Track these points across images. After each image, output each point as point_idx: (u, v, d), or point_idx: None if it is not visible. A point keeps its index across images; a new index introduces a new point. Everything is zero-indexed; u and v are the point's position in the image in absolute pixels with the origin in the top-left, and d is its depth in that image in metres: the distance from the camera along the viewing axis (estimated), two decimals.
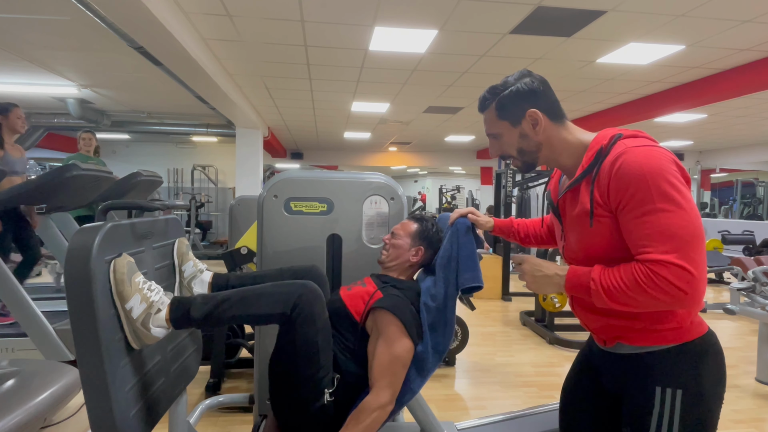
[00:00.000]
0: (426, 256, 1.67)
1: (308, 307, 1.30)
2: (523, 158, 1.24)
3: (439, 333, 1.50)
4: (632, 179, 1.01)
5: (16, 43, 4.54)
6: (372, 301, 1.49)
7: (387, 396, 1.38)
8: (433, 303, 1.52)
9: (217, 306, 1.28)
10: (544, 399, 3.10)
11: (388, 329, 1.44)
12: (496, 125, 1.23)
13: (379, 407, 1.36)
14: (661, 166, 1.00)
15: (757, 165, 12.84)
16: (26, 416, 1.59)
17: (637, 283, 0.98)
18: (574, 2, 3.41)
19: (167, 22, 3.30)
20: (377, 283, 1.58)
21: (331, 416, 1.40)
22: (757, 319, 3.33)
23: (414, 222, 1.69)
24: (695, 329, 1.10)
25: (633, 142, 1.08)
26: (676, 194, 0.98)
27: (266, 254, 1.90)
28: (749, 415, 2.92)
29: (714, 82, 5.15)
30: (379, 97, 6.58)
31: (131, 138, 10.39)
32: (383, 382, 1.39)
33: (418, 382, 1.49)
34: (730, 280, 7.63)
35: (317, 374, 1.36)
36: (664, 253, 0.96)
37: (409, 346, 1.44)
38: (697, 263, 0.96)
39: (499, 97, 1.21)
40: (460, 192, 14.78)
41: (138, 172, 3.43)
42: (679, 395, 1.06)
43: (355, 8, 3.58)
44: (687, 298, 0.96)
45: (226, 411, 2.75)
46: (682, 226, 0.97)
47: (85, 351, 1.12)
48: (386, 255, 1.67)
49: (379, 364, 1.41)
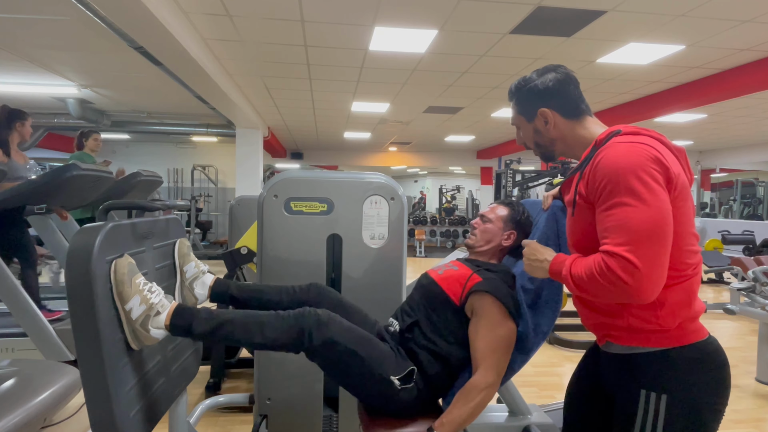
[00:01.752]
0: (517, 240, 1.66)
1: (315, 334, 1.30)
2: (540, 150, 1.32)
3: (540, 313, 1.51)
4: (606, 173, 1.04)
5: (16, 43, 4.53)
6: (470, 284, 1.48)
7: (493, 376, 1.39)
8: (531, 285, 1.53)
9: (219, 327, 1.29)
10: (544, 399, 3.10)
11: (491, 312, 1.44)
12: (516, 118, 1.32)
13: (487, 386, 1.37)
14: (635, 162, 1.02)
15: (757, 165, 12.84)
16: (26, 416, 1.59)
17: (592, 273, 1.02)
18: (574, 2, 3.41)
19: (167, 22, 3.30)
20: (471, 267, 1.57)
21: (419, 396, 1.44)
22: (757, 319, 3.33)
23: (504, 206, 1.69)
24: (687, 335, 1.08)
25: (623, 138, 1.09)
26: (643, 190, 0.99)
27: (266, 254, 1.90)
28: (749, 415, 2.93)
29: (714, 82, 5.15)
30: (379, 97, 6.58)
31: (131, 138, 10.39)
32: (489, 362, 1.40)
33: (519, 361, 1.51)
34: (730, 280, 7.63)
35: (371, 370, 1.37)
36: (617, 245, 0.99)
37: (512, 328, 1.45)
38: (647, 259, 0.97)
39: (519, 92, 1.28)
40: (460, 192, 14.78)
41: (138, 172, 3.43)
42: (664, 400, 1.06)
43: (355, 8, 3.58)
44: (631, 291, 0.97)
45: (226, 411, 2.75)
46: (640, 221, 0.98)
47: (85, 351, 1.12)
48: (475, 239, 1.66)
49: (484, 346, 1.42)
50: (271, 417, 1.95)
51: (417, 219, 12.56)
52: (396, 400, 1.41)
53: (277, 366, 1.95)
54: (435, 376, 1.46)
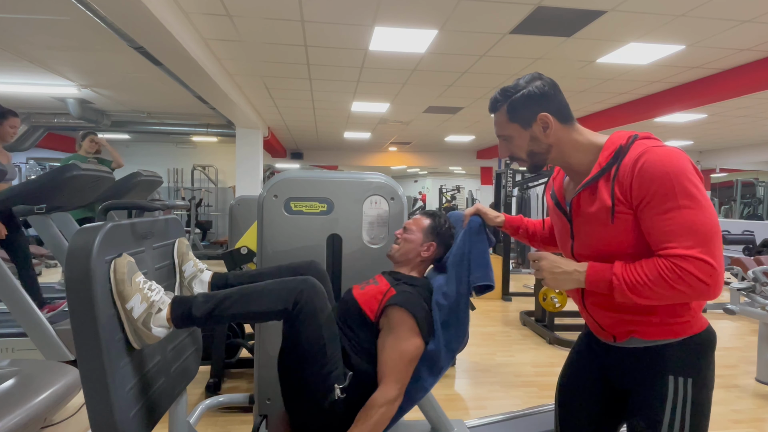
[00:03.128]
0: (437, 252, 1.67)
1: (309, 302, 1.30)
2: (532, 160, 1.26)
3: (452, 331, 1.50)
4: (655, 177, 1.05)
5: (16, 43, 4.53)
6: (385, 299, 1.48)
7: (394, 391, 1.38)
8: (445, 301, 1.52)
9: (218, 304, 1.28)
10: (544, 399, 3.10)
11: (400, 325, 1.44)
12: (507, 127, 1.25)
13: (387, 402, 1.36)
14: (682, 165, 1.05)
15: (757, 165, 12.84)
16: (26, 416, 1.59)
17: (662, 277, 1.02)
18: (574, 2, 3.41)
19: (167, 22, 3.30)
20: (390, 281, 1.57)
21: (342, 413, 1.40)
22: (757, 319, 3.33)
23: (426, 217, 1.69)
24: (700, 322, 1.17)
25: (651, 142, 1.13)
26: (697, 192, 1.03)
27: (266, 254, 1.90)
28: (749, 415, 2.93)
29: (714, 82, 5.15)
30: (379, 97, 6.58)
31: (131, 138, 10.39)
32: (391, 377, 1.39)
33: (430, 380, 1.49)
34: (730, 280, 7.63)
35: (325, 368, 1.36)
36: (688, 248, 1.01)
37: (418, 343, 1.44)
38: (717, 257, 1.02)
39: (511, 99, 1.23)
40: (460, 192, 14.77)
41: (138, 172, 3.43)
42: (690, 383, 1.13)
43: (355, 8, 3.58)
44: (710, 290, 1.01)
45: (226, 411, 2.75)
46: (704, 223, 1.02)
47: (85, 351, 1.12)
48: (397, 249, 1.67)
49: (387, 360, 1.41)
50: (271, 417, 1.95)
51: None
52: (324, 410, 1.37)
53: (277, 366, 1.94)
54: (352, 391, 1.42)
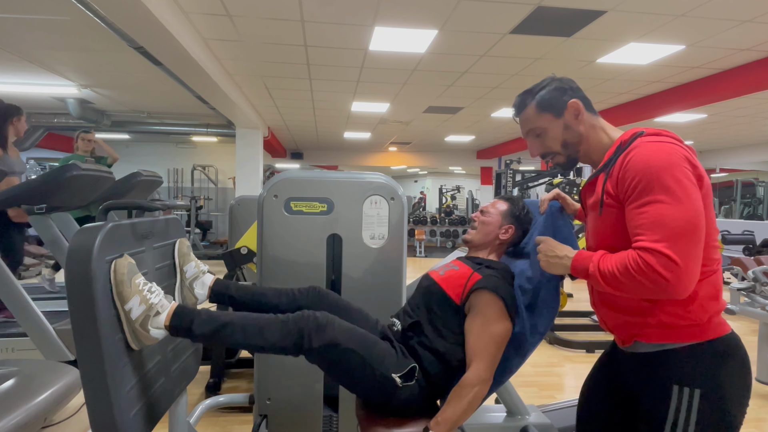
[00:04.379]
0: (515, 235, 1.66)
1: (314, 337, 1.30)
2: (567, 152, 1.27)
3: (538, 314, 1.51)
4: (638, 170, 1.05)
5: (16, 43, 4.54)
6: (471, 283, 1.48)
7: (487, 371, 1.38)
8: (529, 285, 1.52)
9: (219, 329, 1.29)
10: (544, 399, 3.10)
11: (488, 308, 1.44)
12: (538, 119, 1.27)
13: (480, 382, 1.36)
14: (668, 160, 1.03)
15: (757, 165, 12.84)
16: (26, 416, 1.59)
17: (627, 269, 1.02)
18: (574, 2, 3.41)
19: (167, 22, 3.30)
20: (471, 265, 1.56)
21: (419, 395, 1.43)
22: (757, 319, 3.33)
23: (504, 201, 1.69)
24: (714, 329, 1.10)
25: (650, 138, 1.11)
26: (677, 188, 1.01)
27: (266, 254, 1.90)
28: (749, 415, 2.90)
29: (714, 82, 5.15)
30: (379, 97, 6.58)
31: (131, 138, 10.39)
32: (482, 358, 1.39)
33: (516, 362, 1.50)
34: (730, 280, 7.63)
35: (372, 369, 1.37)
36: (654, 242, 1.00)
37: (508, 326, 1.44)
38: (684, 255, 0.98)
39: (539, 93, 1.27)
40: (460, 192, 14.78)
41: (138, 172, 3.42)
42: (697, 395, 1.07)
43: (355, 8, 3.58)
44: (669, 286, 0.98)
45: (226, 411, 2.75)
46: (676, 218, 1.00)
47: (85, 351, 1.12)
48: (475, 232, 1.67)
49: (477, 342, 1.41)
50: (271, 417, 1.95)
51: (417, 219, 12.56)
52: (396, 398, 1.41)
53: (277, 366, 1.95)
54: (435, 375, 1.46)
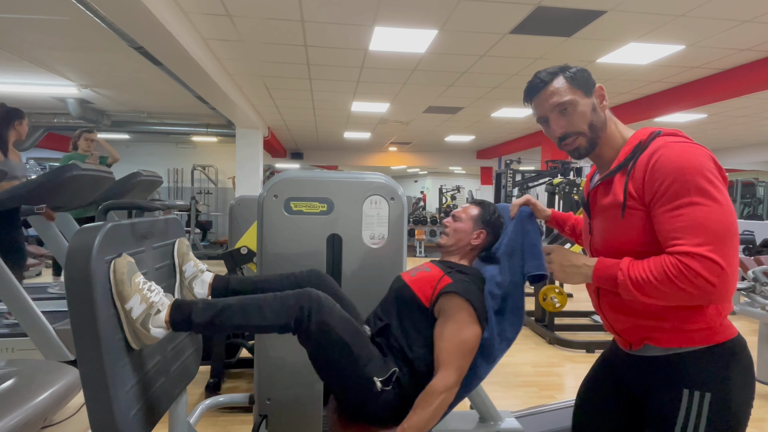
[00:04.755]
0: (487, 240, 1.66)
1: (314, 316, 1.30)
2: (592, 134, 1.19)
3: (507, 320, 1.51)
4: (669, 172, 1.01)
5: (16, 43, 4.53)
6: (441, 286, 1.48)
7: (453, 378, 1.38)
8: (499, 291, 1.53)
9: (218, 314, 1.28)
10: (544, 399, 3.10)
11: (458, 313, 1.43)
12: (569, 92, 1.17)
13: (446, 389, 1.36)
14: (699, 161, 1.01)
15: (757, 165, 12.83)
16: (26, 416, 1.59)
17: (666, 275, 0.98)
18: (574, 2, 3.41)
19: (167, 22, 3.30)
20: (442, 268, 1.57)
21: (393, 400, 1.41)
22: (757, 319, 3.33)
23: (475, 206, 1.70)
24: (724, 331, 1.09)
25: (672, 138, 1.08)
26: (713, 189, 0.98)
27: (266, 254, 1.90)
28: None
29: (714, 82, 5.15)
30: (379, 97, 6.58)
31: (131, 138, 10.39)
32: (450, 364, 1.39)
33: (484, 368, 1.49)
34: None
35: (357, 366, 1.36)
36: (697, 245, 0.96)
37: (478, 332, 1.44)
38: (728, 258, 0.95)
39: (566, 71, 1.20)
40: (460, 192, 14.77)
41: (138, 172, 3.42)
42: (708, 398, 1.05)
43: (355, 8, 3.58)
44: (715, 292, 0.95)
45: (226, 411, 2.75)
46: (717, 221, 0.97)
47: (85, 351, 1.12)
48: (447, 238, 1.67)
49: (446, 347, 1.41)
50: (271, 417, 1.95)
51: (417, 219, 12.56)
52: (372, 403, 1.39)
53: (277, 366, 1.95)
54: (405, 380, 1.44)
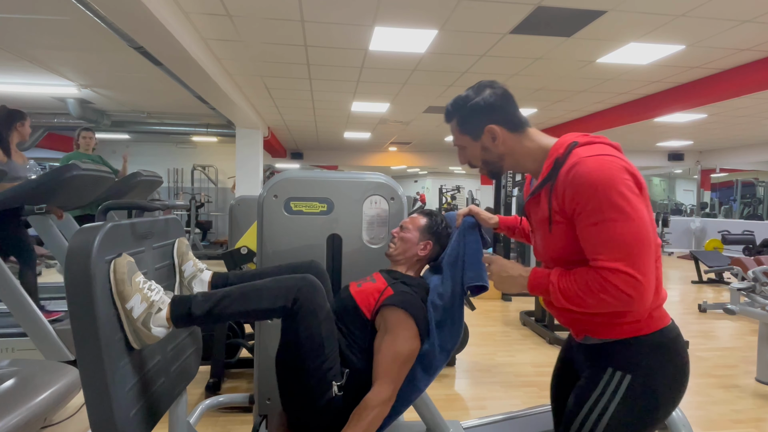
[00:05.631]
0: (434, 251, 1.66)
1: (309, 299, 1.30)
2: (487, 167, 1.31)
3: (446, 331, 1.50)
4: (584, 189, 1.06)
5: (16, 43, 4.54)
6: (383, 298, 1.48)
7: (388, 392, 1.37)
8: (440, 301, 1.52)
9: (217, 302, 1.28)
10: (544, 399, 3.10)
11: (397, 326, 1.43)
12: (460, 138, 1.31)
13: (380, 403, 1.35)
14: (611, 176, 1.05)
15: (757, 165, 12.84)
16: (26, 416, 1.59)
17: (589, 288, 1.06)
18: (574, 2, 3.41)
19: (167, 22, 3.30)
20: (387, 279, 1.57)
21: (339, 411, 1.39)
22: (757, 319, 3.33)
23: (423, 216, 1.70)
24: (654, 323, 1.15)
25: (587, 150, 1.12)
26: (625, 204, 1.03)
27: (266, 254, 1.90)
28: (749, 415, 2.92)
29: (714, 82, 5.15)
30: (379, 97, 6.58)
31: (131, 138, 10.39)
32: (385, 377, 1.38)
33: (424, 381, 1.49)
34: (730, 280, 7.63)
35: (323, 365, 1.36)
36: (614, 260, 1.03)
37: (415, 344, 1.44)
38: (643, 269, 1.02)
39: (459, 111, 1.28)
40: (460, 192, 14.79)
41: (138, 172, 3.42)
42: (627, 379, 1.13)
43: (355, 8, 3.58)
44: (634, 302, 1.03)
45: (226, 411, 2.75)
46: (630, 235, 1.02)
47: (85, 351, 1.12)
48: (394, 248, 1.67)
49: (382, 360, 1.41)
50: (271, 417, 1.95)
51: None
52: (321, 407, 1.38)
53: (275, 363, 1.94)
54: (349, 390, 1.42)
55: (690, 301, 6.21)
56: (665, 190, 20.36)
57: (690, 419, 2.78)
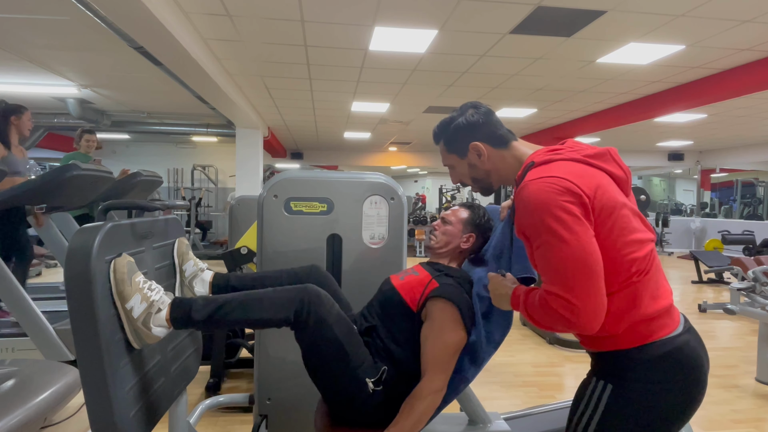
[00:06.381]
0: (476, 243, 1.67)
1: (314, 310, 1.31)
2: (478, 184, 1.35)
3: (493, 323, 1.51)
4: (525, 213, 1.08)
5: (16, 43, 4.53)
6: (428, 290, 1.49)
7: (440, 381, 1.38)
8: (486, 293, 1.52)
9: (218, 309, 1.29)
10: (544, 399, 3.10)
11: (443, 317, 1.44)
12: (447, 158, 1.36)
13: (432, 392, 1.37)
14: (547, 200, 1.04)
15: (757, 165, 12.84)
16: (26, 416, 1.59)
17: (540, 308, 1.08)
18: (574, 2, 3.41)
19: (167, 22, 3.30)
20: (431, 272, 1.57)
21: (381, 403, 1.41)
22: (757, 319, 3.33)
23: (465, 209, 1.70)
24: (637, 338, 1.10)
25: (536, 173, 1.11)
26: (560, 228, 1.03)
27: (266, 254, 1.90)
28: (749, 415, 2.93)
29: (714, 82, 5.15)
30: (379, 97, 6.58)
31: (131, 138, 10.39)
32: (436, 368, 1.39)
33: (472, 371, 1.50)
34: (730, 280, 7.63)
35: (350, 365, 1.37)
36: (551, 284, 1.05)
37: (463, 335, 1.45)
38: (579, 294, 1.01)
39: (445, 132, 1.32)
40: (460, 192, 14.77)
41: (138, 172, 3.42)
42: (608, 389, 1.12)
43: (355, 8, 3.58)
44: (571, 324, 1.03)
45: (226, 411, 2.75)
46: (564, 259, 1.02)
47: (85, 351, 1.12)
48: (436, 240, 1.67)
49: (431, 351, 1.41)
50: (271, 417, 1.95)
51: (417, 219, 12.56)
52: (362, 405, 1.39)
53: (277, 366, 1.95)
54: (391, 382, 1.44)
55: (690, 301, 6.21)
56: (665, 190, 20.37)
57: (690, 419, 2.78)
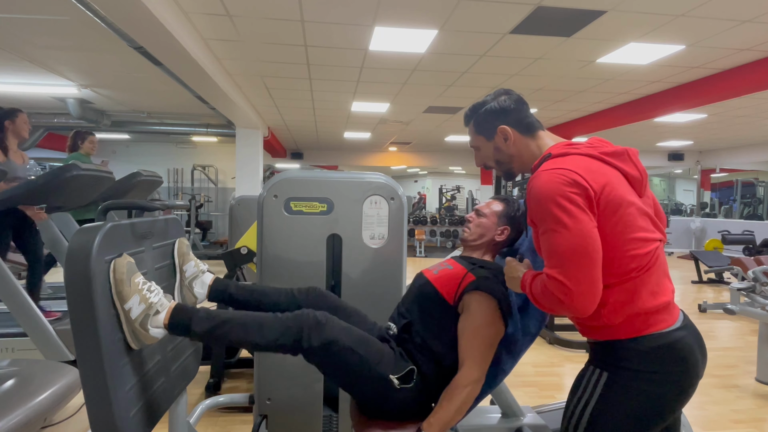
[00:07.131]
0: (510, 236, 1.67)
1: (314, 335, 1.31)
2: (501, 168, 1.40)
3: (530, 315, 1.52)
4: (534, 202, 1.16)
5: (16, 43, 4.53)
6: (465, 283, 1.49)
7: (478, 372, 1.40)
8: None
9: (218, 326, 1.29)
10: (544, 399, 3.10)
11: (482, 309, 1.45)
12: (474, 138, 1.42)
13: (471, 382, 1.38)
14: (553, 189, 1.12)
15: (757, 165, 12.84)
16: (26, 416, 1.59)
17: (540, 290, 1.15)
18: (574, 2, 3.41)
19: (167, 22, 3.30)
20: (465, 265, 1.57)
21: (417, 398, 1.43)
22: (757, 319, 3.33)
23: (499, 202, 1.70)
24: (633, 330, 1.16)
25: (551, 164, 1.18)
26: (563, 216, 1.10)
27: (266, 254, 1.90)
28: (749, 415, 2.93)
29: (714, 82, 5.15)
30: (379, 97, 6.58)
31: (131, 138, 10.39)
32: (474, 359, 1.41)
33: (509, 363, 1.52)
34: (730, 280, 7.63)
35: (369, 367, 1.38)
36: (551, 268, 1.12)
37: (500, 327, 1.46)
38: (575, 279, 1.08)
39: (476, 114, 1.39)
40: (459, 192, 14.79)
41: (138, 172, 3.42)
42: (604, 377, 1.18)
43: (355, 8, 3.58)
44: (564, 307, 1.10)
45: (226, 411, 2.75)
46: (565, 245, 1.10)
47: (85, 351, 1.12)
48: (470, 233, 1.67)
49: (470, 342, 1.43)
50: (271, 417, 1.95)
51: (417, 219, 12.56)
52: (392, 400, 1.41)
53: (277, 366, 1.95)
54: (430, 376, 1.46)
55: (690, 301, 6.21)
56: (665, 190, 20.37)
57: (690, 419, 2.78)
